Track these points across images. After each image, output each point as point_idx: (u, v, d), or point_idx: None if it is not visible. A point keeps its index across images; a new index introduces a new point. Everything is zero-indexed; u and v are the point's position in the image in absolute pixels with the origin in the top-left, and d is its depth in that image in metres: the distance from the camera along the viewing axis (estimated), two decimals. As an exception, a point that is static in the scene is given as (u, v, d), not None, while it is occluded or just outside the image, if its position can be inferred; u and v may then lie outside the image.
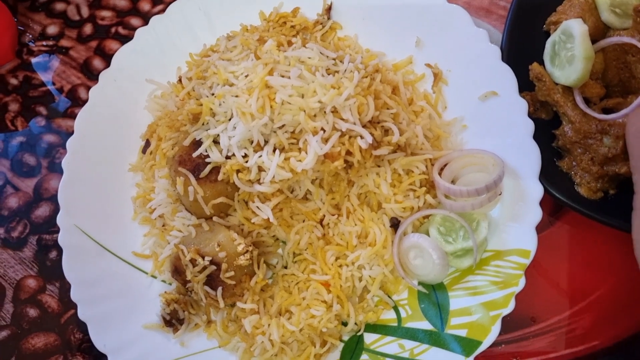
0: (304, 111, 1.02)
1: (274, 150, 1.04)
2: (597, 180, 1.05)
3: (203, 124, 1.09)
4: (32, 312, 1.24)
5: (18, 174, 1.35)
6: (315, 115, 1.04)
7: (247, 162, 1.04)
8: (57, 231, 1.20)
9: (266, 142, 1.05)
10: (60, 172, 1.24)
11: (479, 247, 1.03)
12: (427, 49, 1.19)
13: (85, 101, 1.27)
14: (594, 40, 1.05)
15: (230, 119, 1.06)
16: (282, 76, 1.05)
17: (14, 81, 1.43)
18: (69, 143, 1.22)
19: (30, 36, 1.45)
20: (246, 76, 1.07)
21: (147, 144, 1.24)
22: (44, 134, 1.38)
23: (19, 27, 1.47)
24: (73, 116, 1.33)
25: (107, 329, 1.11)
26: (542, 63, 1.11)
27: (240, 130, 1.03)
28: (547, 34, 1.15)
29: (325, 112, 1.03)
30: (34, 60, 1.44)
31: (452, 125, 1.15)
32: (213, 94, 1.10)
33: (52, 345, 1.21)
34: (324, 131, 1.03)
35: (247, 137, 1.04)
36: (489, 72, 1.12)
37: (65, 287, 1.24)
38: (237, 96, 1.04)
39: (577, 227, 1.10)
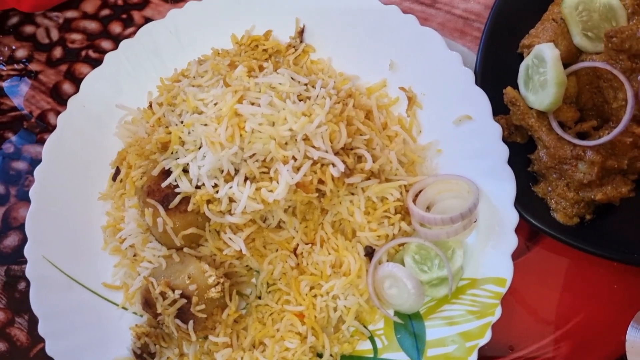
0: (275, 140, 1.00)
1: (245, 180, 1.02)
2: (573, 205, 1.03)
3: (172, 153, 1.07)
4: (1, 345, 1.20)
5: (-14, 203, 1.32)
6: (286, 144, 1.02)
7: (217, 192, 1.02)
8: (26, 262, 1.17)
9: (237, 171, 1.03)
10: (29, 200, 1.21)
11: (454, 276, 1.01)
12: (401, 71, 1.18)
13: (55, 127, 1.24)
14: (567, 64, 1.04)
15: (199, 148, 1.04)
16: (252, 104, 1.03)
17: (-19, 107, 1.39)
18: (37, 172, 1.20)
19: (0, 59, 1.42)
20: (215, 104, 1.04)
21: (117, 171, 1.21)
22: (13, 161, 1.34)
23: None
24: (43, 142, 1.29)
25: (77, 365, 1.08)
26: (516, 86, 1.09)
27: (209, 160, 1.01)
28: (522, 56, 1.13)
29: (296, 140, 1.01)
30: (3, 84, 1.41)
31: (426, 149, 1.13)
32: (182, 122, 1.07)
33: (21, 380, 1.17)
34: (295, 160, 1.01)
35: (217, 167, 1.02)
36: (462, 96, 1.10)
37: (34, 319, 1.20)
38: (206, 125, 1.02)
39: (554, 252, 1.08)
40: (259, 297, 1.11)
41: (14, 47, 1.43)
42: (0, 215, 1.30)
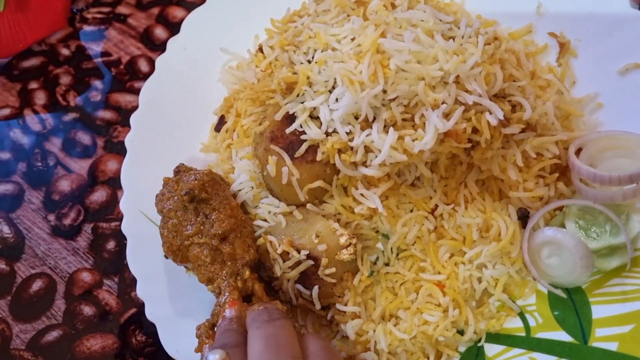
0: (423, 80, 0.86)
1: (384, 127, 0.88)
2: None
3: (298, 95, 0.94)
4: (87, 310, 1.09)
5: (70, 154, 1.20)
6: (434, 86, 0.88)
7: (351, 140, 0.89)
8: (115, 219, 1.06)
9: (374, 117, 0.89)
10: (118, 152, 1.10)
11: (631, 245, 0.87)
12: (550, 15, 1.04)
13: (145, 74, 1.13)
14: None
15: (331, 90, 0.90)
16: (395, 40, 0.89)
17: (65, 51, 1.28)
18: (133, 118, 1.08)
19: (84, 3, 1.30)
20: (352, 39, 0.91)
21: (222, 120, 1.08)
22: (99, 110, 1.23)
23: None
24: (132, 90, 1.19)
25: (181, 332, 0.96)
26: (697, 30, 0.94)
27: (345, 102, 0.88)
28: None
29: (446, 82, 0.87)
30: (87, 28, 1.29)
31: (584, 103, 0.99)
32: (309, 61, 0.94)
33: (110, 349, 1.06)
34: (446, 105, 0.87)
35: (353, 111, 0.88)
36: (630, 41, 0.96)
37: (125, 282, 1.10)
38: (342, 62, 0.89)
39: None
40: (387, 264, 0.97)
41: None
42: (87, 168, 1.19)
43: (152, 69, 1.10)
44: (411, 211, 0.95)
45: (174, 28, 1.14)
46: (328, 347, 0.75)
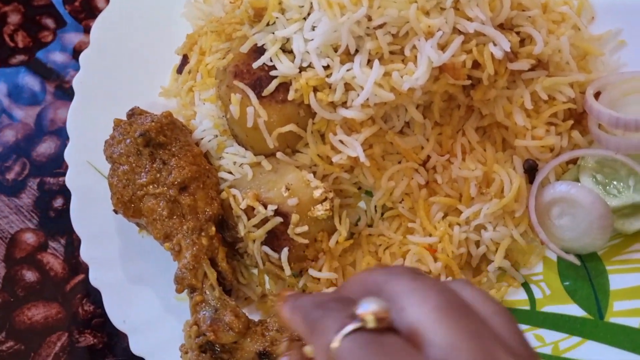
0: (416, 3, 0.72)
1: (369, 62, 0.74)
2: None
3: (268, 24, 0.79)
4: (30, 275, 0.96)
5: (16, 102, 1.07)
6: (429, 12, 0.73)
7: (329, 76, 0.75)
8: (64, 173, 0.93)
9: (357, 50, 0.75)
10: (70, 99, 0.95)
11: (656, 204, 0.73)
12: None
13: (104, 9, 0.98)
14: None
15: (307, 16, 0.76)
16: (382, -44, 0.75)
17: (14, -13, 1.13)
18: (82, 58, 0.96)
19: None
20: (332, -45, 0.76)
21: (185, 60, 0.94)
22: (51, 52, 1.09)
23: None
24: (88, 30, 1.04)
25: (128, 300, 0.83)
26: None
27: (323, 30, 0.74)
28: None
29: (443, 7, 0.73)
30: (40, -39, 1.14)
31: (603, 40, 0.85)
32: (281, -16, 0.80)
33: (53, 319, 0.93)
34: (442, 33, 0.73)
35: (332, 41, 0.75)
36: (660, -32, 0.81)
37: (72, 244, 0.97)
38: (319, -18, 0.74)
39: None
40: (370, 226, 0.84)
41: None
42: (34, 117, 1.05)
43: (110, 3, 0.97)
44: (399, 162, 0.81)
45: (136, -40, 1.00)
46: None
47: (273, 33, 0.79)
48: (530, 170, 0.78)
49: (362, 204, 0.85)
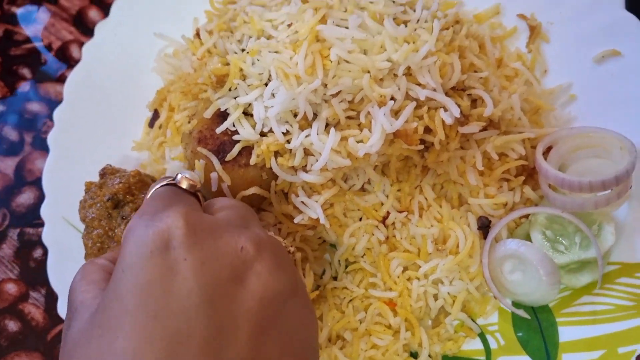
0: (369, 73, 0.75)
1: (327, 127, 0.78)
2: None
3: (230, 90, 0.82)
4: (12, 325, 0.99)
5: (-4, 152, 1.09)
6: (382, 79, 0.77)
7: (289, 142, 0.78)
8: (43, 224, 0.95)
9: (315, 115, 0.78)
10: (47, 150, 0.98)
11: (602, 259, 0.77)
12: (519, -5, 0.92)
13: (78, 61, 1.01)
14: None
15: (267, 83, 0.79)
16: (338, 26, 0.78)
17: (-9, 37, 1.16)
18: (57, 114, 0.99)
19: (12, -19, 1.18)
20: (289, 25, 0.79)
21: (156, 115, 0.97)
22: (28, 103, 1.12)
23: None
24: (64, 80, 1.07)
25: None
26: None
27: (281, 99, 0.77)
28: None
29: (395, 75, 0.76)
30: (16, 10, 1.17)
31: (555, 94, 0.88)
32: (244, 50, 0.83)
33: (36, 368, 0.96)
34: (394, 101, 0.76)
35: (291, 108, 0.77)
36: (606, 25, 0.85)
37: (52, 295, 0.99)
38: (277, 52, 0.77)
39: None
40: (335, 278, 0.87)
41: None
42: (13, 167, 1.08)
43: (85, 56, 0.99)
44: (360, 219, 0.84)
45: (108, 9, 1.02)
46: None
47: (235, 98, 0.82)
48: (484, 227, 0.81)
49: (327, 256, 0.88)
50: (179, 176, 0.64)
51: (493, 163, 0.82)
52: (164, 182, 0.64)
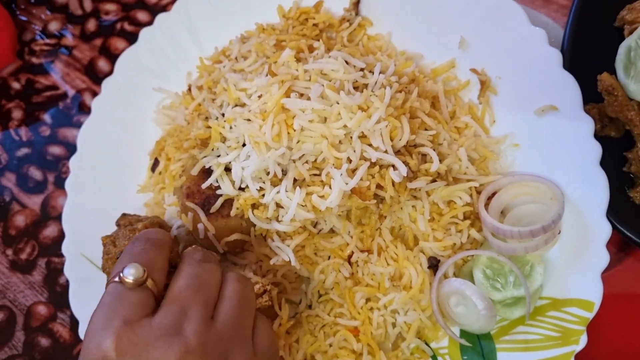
0: (327, 139, 0.87)
1: (295, 183, 0.90)
2: (679, 216, 0.88)
3: (213, 150, 0.96)
4: (44, 341, 1.16)
5: (24, 190, 1.25)
6: (340, 142, 0.89)
7: (263, 196, 0.91)
8: (66, 255, 1.11)
9: (284, 173, 0.91)
10: (67, 191, 1.13)
11: (532, 296, 0.88)
12: (472, 50, 1.01)
13: (90, 108, 1.15)
14: (681, 47, 0.86)
15: (243, 145, 0.92)
16: (302, 95, 0.90)
17: (16, 85, 1.31)
18: (72, 162, 1.12)
19: (32, 35, 1.32)
20: (260, 96, 0.92)
21: (156, 162, 1.11)
22: (49, 145, 1.27)
23: (21, 18, 1.33)
24: (79, 125, 1.22)
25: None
26: (613, 71, 0.92)
27: (254, 161, 0.90)
28: (621, 32, 0.95)
29: (351, 138, 0.88)
30: (36, 61, 1.32)
31: (501, 143, 0.98)
32: (224, 115, 0.96)
33: (64, 379, 1.13)
34: (350, 161, 0.88)
35: (262, 168, 0.90)
36: (547, 81, 0.94)
37: (75, 317, 1.16)
38: (249, 120, 0.90)
39: (650, 267, 0.94)
40: (309, 307, 1.01)
41: (42, 17, 1.33)
42: (39, 204, 1.24)
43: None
44: (329, 258, 0.98)
45: (115, 60, 1.15)
46: (242, 290, 0.78)
47: (218, 157, 0.95)
48: (433, 266, 0.94)
49: (304, 286, 1.02)
50: (125, 271, 0.71)
51: (442, 210, 0.94)
52: (113, 278, 0.72)
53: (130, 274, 0.71)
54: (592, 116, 0.91)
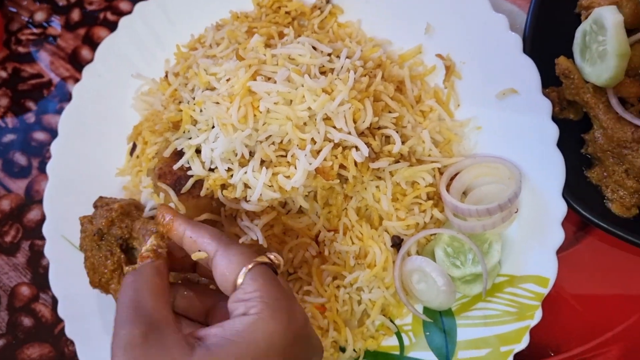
0: (292, 121, 0.91)
1: (261, 164, 0.93)
2: (632, 195, 0.90)
3: (184, 132, 0.99)
4: (27, 321, 1.20)
5: (9, 175, 1.29)
6: (305, 124, 0.92)
7: (231, 177, 0.94)
8: (48, 238, 1.14)
9: (252, 154, 0.94)
10: (48, 175, 1.17)
11: (490, 273, 0.91)
12: (438, 36, 1.04)
13: (73, 96, 1.19)
14: (632, 30, 0.88)
15: (212, 128, 0.95)
16: (269, 79, 0.93)
17: (3, 74, 1.34)
18: (53, 146, 1.15)
19: (19, 25, 1.36)
20: (228, 80, 0.95)
21: (134, 146, 1.15)
22: (34, 132, 1.30)
23: (11, 9, 1.37)
24: (62, 112, 1.25)
25: (95, 347, 1.06)
26: (571, 55, 0.95)
27: (221, 143, 0.93)
28: (580, 18, 0.98)
29: (315, 120, 0.91)
30: (22, 50, 1.35)
31: (465, 126, 1.01)
32: (194, 98, 0.99)
33: (46, 357, 1.17)
34: (315, 142, 0.91)
35: (230, 149, 0.94)
36: (508, 66, 0.97)
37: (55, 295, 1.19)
38: (217, 103, 0.93)
39: (606, 246, 0.96)
40: (280, 285, 1.04)
41: (31, 8, 1.36)
42: (24, 188, 1.28)
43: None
44: (297, 237, 1.01)
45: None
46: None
47: (189, 139, 0.98)
48: (396, 244, 0.97)
49: (275, 266, 1.05)
50: None
51: (405, 190, 0.97)
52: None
53: None
54: (552, 99, 0.94)
